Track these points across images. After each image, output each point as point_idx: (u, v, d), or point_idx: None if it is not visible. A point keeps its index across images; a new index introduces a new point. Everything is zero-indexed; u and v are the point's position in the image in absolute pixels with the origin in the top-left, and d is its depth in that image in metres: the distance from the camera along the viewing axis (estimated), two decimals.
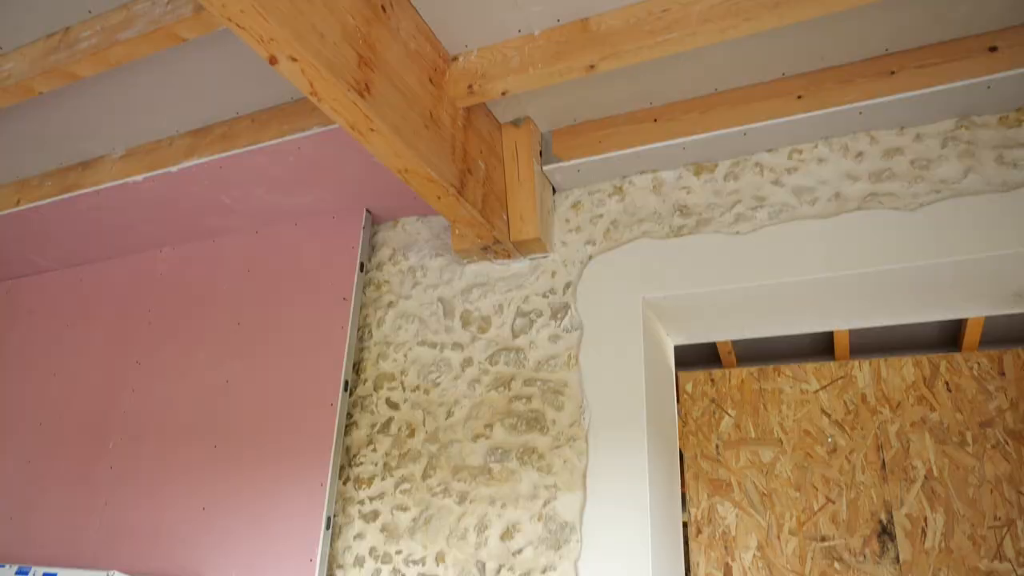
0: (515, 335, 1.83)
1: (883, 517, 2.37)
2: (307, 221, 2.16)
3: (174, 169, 1.97)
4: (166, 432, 2.08)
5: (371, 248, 2.14)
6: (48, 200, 2.16)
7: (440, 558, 1.70)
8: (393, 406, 1.91)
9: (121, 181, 2.03)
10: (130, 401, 2.19)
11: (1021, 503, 2.26)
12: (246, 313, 2.13)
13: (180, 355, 2.18)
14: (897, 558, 2.32)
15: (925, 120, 1.60)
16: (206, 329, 2.17)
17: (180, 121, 1.94)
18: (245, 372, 2.04)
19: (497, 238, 1.75)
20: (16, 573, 1.89)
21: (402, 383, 1.92)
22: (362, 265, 2.05)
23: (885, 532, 2.35)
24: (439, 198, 1.57)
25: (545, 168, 1.85)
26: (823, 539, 2.40)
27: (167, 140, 2.02)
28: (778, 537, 2.45)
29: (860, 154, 1.65)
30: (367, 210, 2.09)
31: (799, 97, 1.60)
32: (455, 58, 1.61)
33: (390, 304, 2.03)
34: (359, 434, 1.92)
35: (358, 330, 2.04)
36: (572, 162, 1.81)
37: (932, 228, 1.50)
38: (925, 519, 2.32)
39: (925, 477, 2.37)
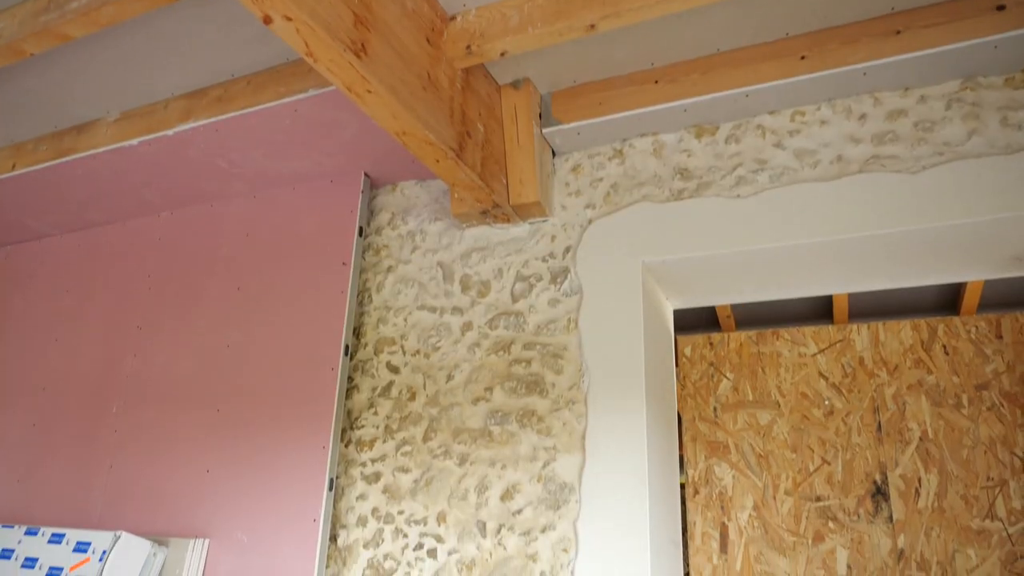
0: (515, 299, 1.84)
1: (877, 478, 2.41)
2: (305, 185, 2.14)
3: (170, 133, 1.95)
4: (168, 396, 2.10)
5: (370, 212, 2.13)
6: (44, 165, 2.14)
7: (441, 518, 1.73)
8: (394, 370, 1.92)
9: (116, 145, 2.01)
10: (132, 366, 2.21)
11: (1014, 464, 2.29)
12: (246, 278, 2.13)
13: (181, 320, 2.18)
14: (890, 517, 2.36)
15: (930, 81, 1.58)
16: (206, 294, 2.18)
17: (174, 84, 1.92)
18: (246, 337, 2.05)
19: (496, 202, 1.74)
20: (25, 534, 1.93)
21: (402, 347, 1.93)
22: (361, 230, 2.04)
23: (879, 492, 2.39)
24: (438, 161, 1.56)
25: (545, 131, 1.83)
26: (818, 499, 2.44)
27: (162, 103, 1.99)
28: (774, 497, 2.49)
29: (863, 116, 1.63)
30: (365, 174, 2.08)
31: (803, 58, 1.57)
32: (453, 18, 1.58)
33: (389, 269, 2.03)
34: (360, 398, 1.94)
35: (358, 294, 2.04)
36: (572, 125, 1.79)
37: (934, 191, 1.49)
38: (919, 480, 2.36)
39: (920, 439, 2.40)
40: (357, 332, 2.01)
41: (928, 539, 2.30)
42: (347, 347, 1.93)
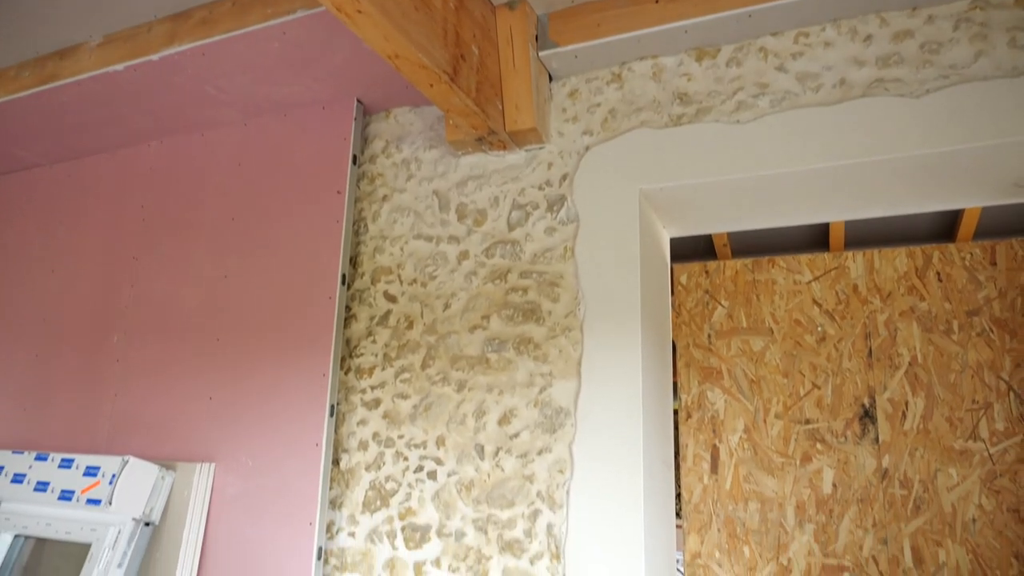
0: (511, 228, 1.83)
1: (866, 401, 2.47)
2: (296, 112, 2.10)
3: (155, 58, 1.89)
4: (168, 327, 2.12)
5: (363, 140, 2.10)
6: (27, 92, 2.09)
7: (440, 442, 1.78)
8: (391, 299, 1.94)
9: (101, 71, 1.96)
10: (130, 297, 2.22)
11: (999, 387, 2.35)
12: (240, 208, 2.11)
13: (177, 250, 2.18)
14: (876, 439, 2.43)
15: (939, 0, 1.53)
16: (201, 224, 2.17)
17: (157, 4, 1.85)
18: (242, 267, 2.06)
19: (492, 128, 1.71)
20: (35, 459, 1.98)
21: (399, 276, 1.94)
22: (355, 158, 2.01)
23: (867, 415, 2.46)
24: (431, 86, 1.52)
25: (541, 54, 1.78)
26: (807, 422, 2.51)
27: (145, 26, 1.92)
28: (764, 421, 2.56)
29: (868, 37, 1.58)
30: (358, 100, 2.03)
31: None
32: None
33: (385, 197, 2.02)
34: (358, 326, 1.96)
35: (353, 224, 2.03)
36: (569, 47, 1.74)
37: (937, 115, 1.47)
38: (906, 403, 2.42)
39: (909, 364, 2.45)
40: (354, 262, 2.01)
41: (912, 459, 2.37)
42: (344, 277, 1.93)
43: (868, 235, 2.85)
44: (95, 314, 2.26)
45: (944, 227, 2.71)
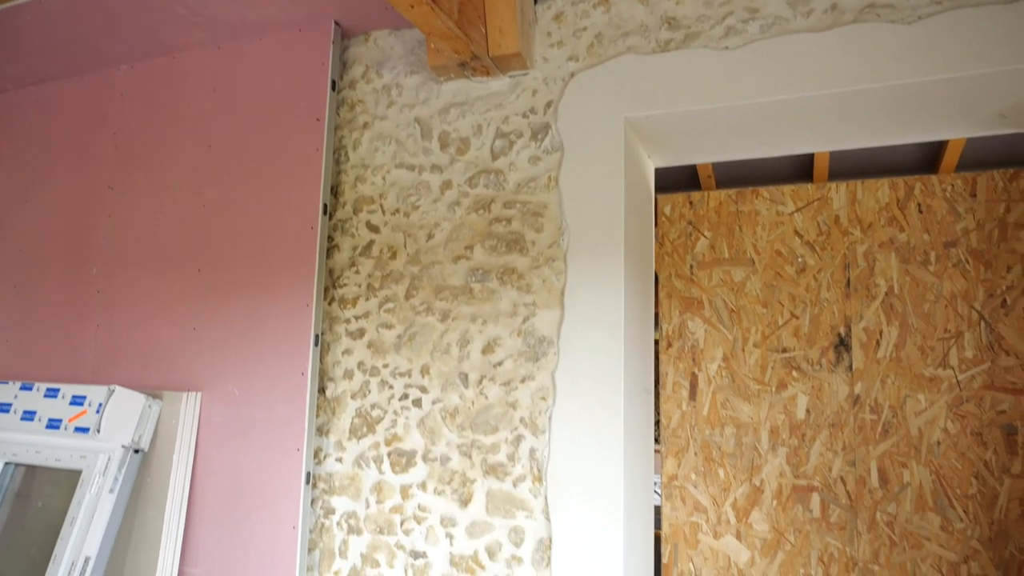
0: (494, 157, 1.81)
1: (842, 331, 2.53)
2: (272, 35, 2.02)
3: None
4: (148, 257, 2.10)
5: (342, 65, 2.03)
6: None
7: (425, 371, 1.81)
8: (374, 229, 1.92)
9: None
10: (107, 227, 2.18)
11: (971, 317, 2.41)
12: (216, 135, 2.06)
13: (153, 180, 2.13)
14: (850, 366, 2.50)
15: None
16: (176, 153, 2.11)
17: None
18: (221, 196, 2.02)
19: (475, 53, 1.66)
20: (20, 389, 1.99)
21: (381, 206, 1.92)
22: (334, 83, 1.96)
23: (842, 344, 2.52)
24: (412, 7, 1.47)
25: None
26: (784, 351, 2.57)
27: None
28: (743, 349, 2.61)
29: None
30: (336, 22, 1.96)
31: None
32: None
33: (365, 125, 1.97)
34: (341, 257, 1.95)
35: (334, 152, 1.99)
36: None
37: (927, 43, 1.45)
38: (881, 332, 2.48)
39: (886, 294, 2.50)
40: (335, 191, 1.98)
41: (883, 386, 2.45)
42: (325, 206, 1.91)
43: (852, 167, 2.85)
44: (72, 245, 2.23)
45: (928, 159, 2.71)
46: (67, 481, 1.86)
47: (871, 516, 2.41)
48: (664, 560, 2.62)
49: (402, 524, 1.78)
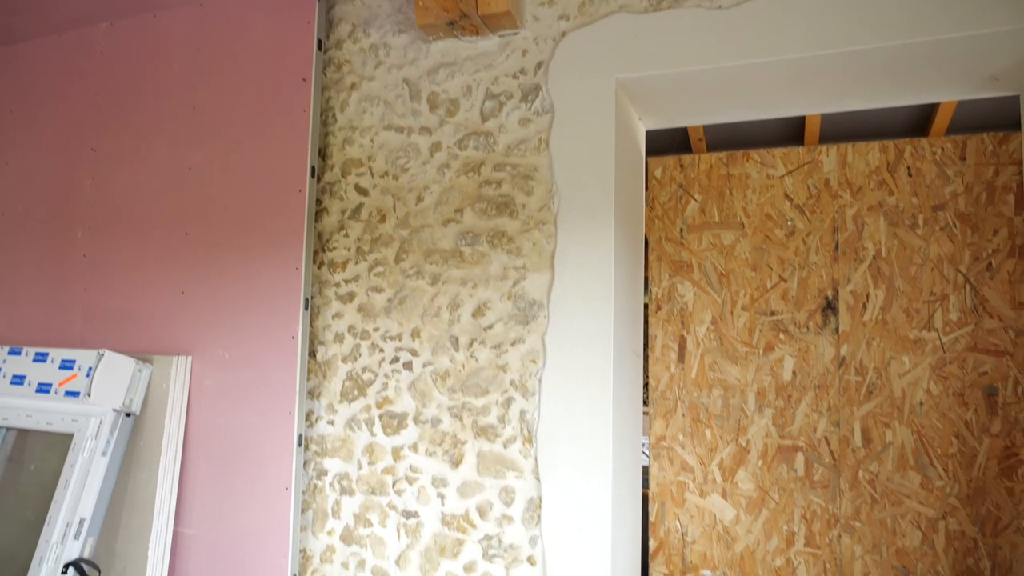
0: (484, 119, 1.79)
1: (829, 294, 2.55)
2: None
3: None
4: (134, 221, 2.07)
5: (328, 24, 1.99)
6: None
7: (415, 334, 1.81)
8: (362, 192, 1.91)
9: None
10: (91, 190, 2.15)
11: (957, 280, 2.43)
12: (200, 96, 2.02)
13: (136, 141, 2.10)
14: (837, 329, 2.53)
15: None
16: (160, 114, 2.07)
17: None
18: (207, 158, 1.99)
19: (464, 11, 1.63)
20: (8, 353, 1.98)
21: (370, 169, 1.90)
22: (320, 43, 1.92)
23: (829, 307, 2.55)
24: None
25: None
26: (772, 313, 2.59)
27: None
28: (731, 312, 2.63)
29: None
30: None
31: None
32: None
33: (353, 86, 1.94)
34: (330, 220, 1.93)
35: (321, 114, 1.96)
36: None
37: (922, 4, 1.43)
38: (867, 295, 2.50)
39: (874, 257, 2.51)
40: (323, 153, 1.96)
41: (868, 348, 2.48)
42: (313, 169, 1.89)
43: (843, 130, 2.84)
44: (55, 208, 2.20)
45: (918, 122, 2.71)
46: (59, 445, 1.87)
47: (853, 475, 2.47)
48: (652, 518, 2.68)
49: (394, 485, 1.81)
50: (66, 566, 1.71)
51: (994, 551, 2.33)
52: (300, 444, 1.83)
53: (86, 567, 1.74)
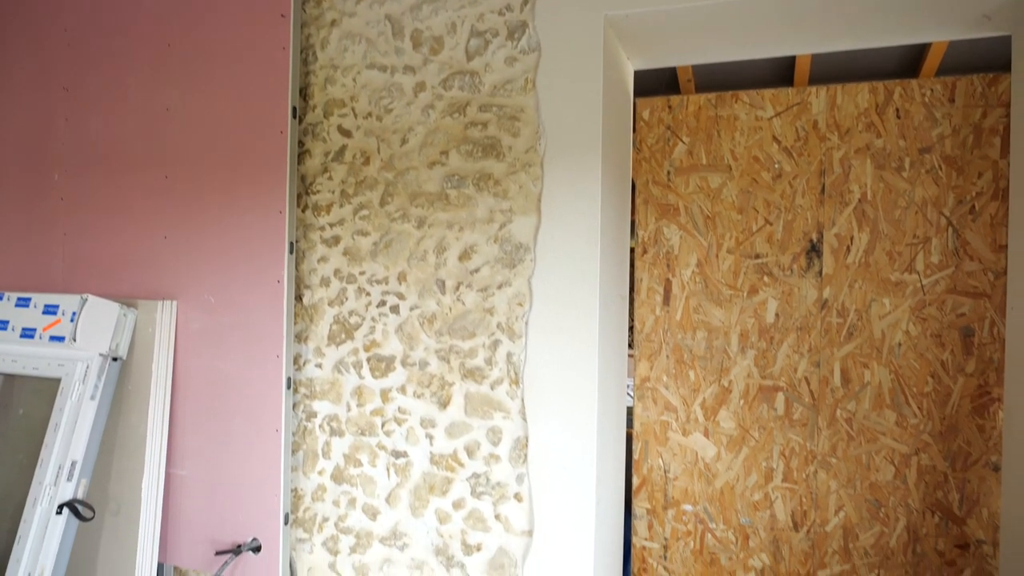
0: (469, 57, 1.74)
1: (814, 237, 2.56)
2: None
3: None
4: (111, 163, 2.03)
5: None
6: None
7: (402, 278, 1.81)
8: (345, 133, 1.87)
9: None
10: (65, 131, 2.09)
11: (940, 223, 2.45)
12: (176, 33, 1.95)
13: (110, 81, 2.03)
14: (820, 272, 2.56)
15: None
16: (134, 52, 2.00)
17: None
18: (184, 98, 1.94)
19: None
20: None
21: (353, 109, 1.86)
22: None
23: (814, 250, 2.56)
24: None
25: None
26: (757, 256, 2.61)
27: None
28: (716, 256, 2.65)
29: None
30: None
31: None
32: None
33: (333, 22, 1.88)
34: (313, 162, 1.90)
35: (301, 52, 1.91)
36: None
37: None
38: (851, 238, 2.52)
39: (859, 200, 2.52)
40: (304, 93, 1.91)
41: (851, 290, 2.52)
42: (295, 109, 1.84)
43: (833, 71, 2.80)
44: (29, 149, 2.14)
45: (909, 63, 2.67)
46: (47, 390, 1.87)
47: (831, 413, 2.54)
48: (635, 456, 2.75)
49: (383, 426, 1.84)
50: (60, 507, 1.74)
51: (963, 484, 2.43)
52: (289, 387, 1.85)
53: (80, 507, 1.77)
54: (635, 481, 2.75)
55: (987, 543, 2.40)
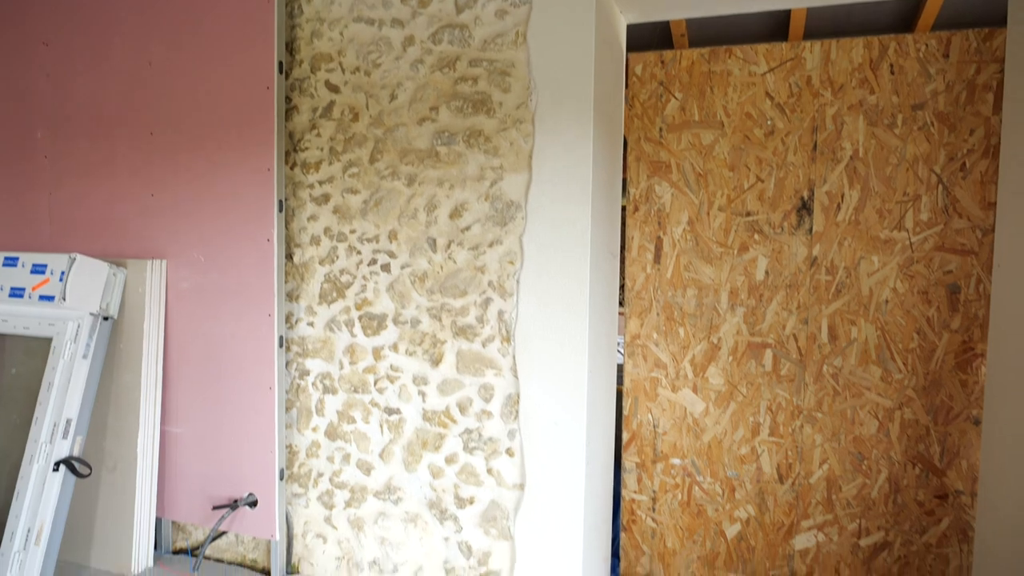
0: (459, 10, 1.71)
1: (805, 194, 2.56)
2: None
3: None
4: (95, 121, 1.99)
5: None
6: None
7: (392, 236, 1.81)
8: (333, 89, 1.84)
9: None
10: (46, 88, 2.05)
11: (930, 180, 2.45)
12: None
13: (92, 37, 1.98)
14: (810, 230, 2.56)
15: None
16: (114, 6, 1.95)
17: None
18: (168, 53, 1.90)
19: None
20: None
21: (340, 64, 1.83)
22: None
23: (804, 207, 2.56)
24: None
25: None
26: (748, 214, 2.61)
27: None
28: (708, 213, 2.64)
29: None
30: None
31: None
32: None
33: None
34: (301, 119, 1.87)
35: (286, 5, 1.86)
36: None
37: None
38: (842, 195, 2.52)
39: (851, 157, 2.51)
40: (290, 48, 1.87)
41: (840, 248, 2.53)
42: (281, 64, 1.81)
43: (828, 25, 2.76)
44: (10, 107, 2.10)
45: (905, 17, 2.64)
46: (39, 349, 1.87)
47: (818, 369, 2.57)
48: (625, 412, 2.79)
49: (376, 383, 1.85)
50: (57, 464, 1.76)
51: (944, 438, 2.48)
52: (281, 345, 1.86)
53: (77, 464, 1.79)
54: (624, 436, 2.80)
55: (965, 493, 2.47)
